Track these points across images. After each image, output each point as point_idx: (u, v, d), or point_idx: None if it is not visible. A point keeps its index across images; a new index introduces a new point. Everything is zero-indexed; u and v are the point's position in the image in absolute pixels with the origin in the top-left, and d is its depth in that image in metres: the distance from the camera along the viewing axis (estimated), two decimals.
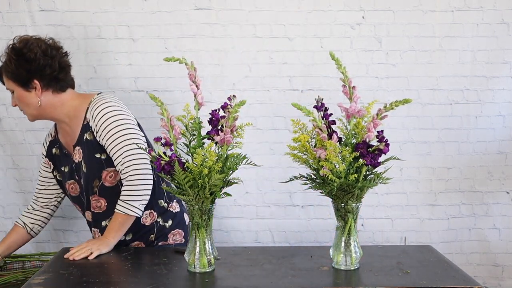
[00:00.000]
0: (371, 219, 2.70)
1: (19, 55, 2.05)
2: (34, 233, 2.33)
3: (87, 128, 2.10)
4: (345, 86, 1.80)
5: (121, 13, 2.55)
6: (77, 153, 2.14)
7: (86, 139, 2.10)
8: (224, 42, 2.58)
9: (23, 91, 2.08)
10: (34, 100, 2.09)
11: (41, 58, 2.05)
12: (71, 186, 2.21)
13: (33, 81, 2.06)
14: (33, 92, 2.08)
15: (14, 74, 2.06)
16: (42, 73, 2.06)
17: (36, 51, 2.05)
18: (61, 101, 2.13)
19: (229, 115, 1.71)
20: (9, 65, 2.06)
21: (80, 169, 2.15)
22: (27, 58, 2.04)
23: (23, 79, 2.06)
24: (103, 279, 1.73)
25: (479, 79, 2.61)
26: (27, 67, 2.05)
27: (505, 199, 2.71)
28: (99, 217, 2.17)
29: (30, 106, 2.10)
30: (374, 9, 2.56)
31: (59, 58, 2.11)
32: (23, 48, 2.05)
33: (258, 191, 2.69)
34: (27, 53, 2.05)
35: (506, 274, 2.75)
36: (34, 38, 2.10)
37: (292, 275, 1.75)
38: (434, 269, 1.82)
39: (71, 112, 2.14)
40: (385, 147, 1.73)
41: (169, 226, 2.21)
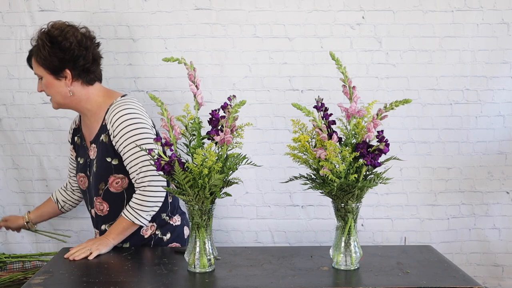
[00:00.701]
0: (371, 219, 2.70)
1: (54, 42, 2.01)
2: (65, 210, 2.40)
3: (104, 130, 2.08)
4: (345, 86, 1.80)
5: (121, 13, 2.55)
6: (93, 150, 2.13)
7: (102, 141, 2.09)
8: (224, 42, 2.58)
9: (53, 79, 2.05)
10: (62, 89, 2.06)
11: (76, 48, 2.03)
12: (81, 179, 2.20)
13: (65, 71, 2.04)
14: (63, 81, 2.05)
15: (46, 61, 2.03)
16: (75, 64, 2.04)
17: (72, 41, 2.02)
18: (87, 95, 2.11)
19: (229, 115, 1.72)
20: (42, 51, 2.02)
21: (92, 166, 2.14)
22: (61, 47, 2.01)
23: (54, 67, 2.03)
24: (103, 279, 1.73)
25: (479, 79, 2.61)
26: (60, 56, 2.02)
27: (505, 199, 2.71)
28: (100, 220, 2.17)
29: (57, 94, 2.08)
30: (374, 9, 2.56)
31: (92, 49, 2.09)
32: (59, 36, 2.02)
33: (258, 191, 2.68)
34: (62, 41, 2.01)
35: (506, 274, 2.75)
36: (70, 26, 2.07)
37: (292, 275, 1.75)
38: (434, 269, 1.82)
39: (94, 108, 2.12)
40: (385, 147, 1.73)
41: (166, 240, 2.18)
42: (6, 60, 2.60)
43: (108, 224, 2.12)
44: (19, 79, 2.61)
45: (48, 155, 2.67)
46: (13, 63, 2.60)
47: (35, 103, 2.62)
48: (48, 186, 2.67)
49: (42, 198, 2.58)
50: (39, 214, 2.37)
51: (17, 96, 2.63)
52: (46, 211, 2.38)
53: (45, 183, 2.68)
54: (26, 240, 2.72)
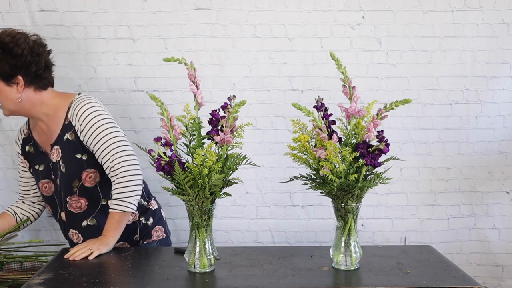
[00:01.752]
0: (371, 219, 2.70)
1: (5, 49, 2.00)
2: (23, 226, 2.34)
3: (68, 128, 2.08)
4: (345, 86, 1.80)
5: (121, 13, 2.55)
6: (55, 152, 2.11)
7: (67, 139, 2.08)
8: (224, 42, 2.58)
9: (4, 85, 2.03)
10: (14, 95, 2.04)
11: (28, 55, 2.02)
12: (45, 186, 2.18)
13: (17, 77, 2.02)
14: (14, 88, 2.03)
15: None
16: (28, 70, 2.03)
17: (24, 47, 2.01)
18: (41, 99, 2.09)
19: (229, 115, 1.72)
20: None
21: (57, 169, 2.12)
22: (13, 53, 2.00)
23: (6, 74, 2.01)
24: (103, 279, 1.73)
25: (479, 79, 2.61)
26: (12, 62, 2.00)
27: (505, 199, 2.71)
28: (79, 217, 2.15)
29: (8, 101, 2.05)
30: (374, 9, 2.56)
31: (44, 56, 2.09)
32: (10, 42, 2.00)
33: (258, 191, 2.68)
34: (14, 47, 2.00)
35: (506, 274, 2.75)
36: (21, 33, 2.05)
37: (292, 275, 1.75)
38: (434, 269, 1.82)
39: (50, 111, 2.11)
40: (385, 147, 1.73)
41: (151, 224, 2.22)
42: None
43: (90, 218, 2.12)
44: None
45: None
46: None
47: None
48: None
49: None
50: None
51: None
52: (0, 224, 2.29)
53: None
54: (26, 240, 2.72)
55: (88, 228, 2.14)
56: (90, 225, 2.14)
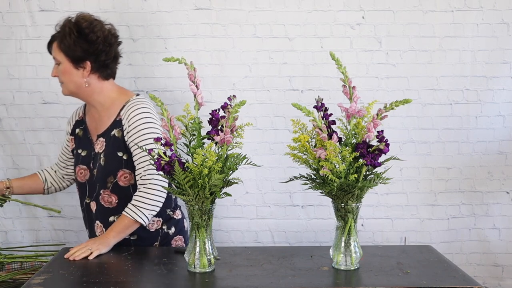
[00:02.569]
0: (371, 219, 2.70)
1: (81, 33, 2.05)
2: (47, 192, 2.37)
3: (117, 125, 2.10)
4: (345, 86, 1.80)
5: (121, 13, 2.55)
6: (100, 143, 2.14)
7: (114, 135, 2.10)
8: (224, 42, 2.58)
9: (71, 67, 2.07)
10: (78, 78, 2.08)
11: (101, 43, 2.07)
12: (81, 171, 2.20)
13: (86, 62, 2.07)
14: (81, 71, 2.08)
15: (69, 49, 2.05)
16: (97, 58, 2.07)
17: (99, 35, 2.06)
18: (101, 89, 2.13)
19: (229, 115, 1.71)
20: (67, 39, 2.05)
21: (97, 160, 2.14)
22: (88, 39, 2.05)
23: (76, 57, 2.06)
24: (103, 279, 1.73)
25: (479, 79, 2.61)
26: (85, 47, 2.05)
27: (505, 199, 2.71)
28: (108, 212, 2.15)
29: (71, 83, 2.10)
30: (374, 9, 2.57)
31: (115, 47, 2.14)
32: (86, 28, 2.05)
33: (258, 191, 2.69)
34: (90, 34, 2.05)
35: (506, 274, 2.75)
36: (97, 20, 2.10)
37: (292, 275, 1.75)
38: (434, 269, 1.82)
39: (106, 103, 2.14)
40: (385, 147, 1.73)
41: (172, 233, 2.21)
42: (6, 60, 2.60)
43: (117, 216, 2.12)
44: (19, 79, 2.62)
45: (48, 155, 2.67)
46: (13, 63, 2.60)
47: (35, 103, 2.62)
48: None
49: (42, 198, 2.58)
50: (20, 184, 2.29)
51: (17, 96, 2.63)
52: (28, 184, 2.32)
53: None
54: (26, 240, 2.72)
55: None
56: None
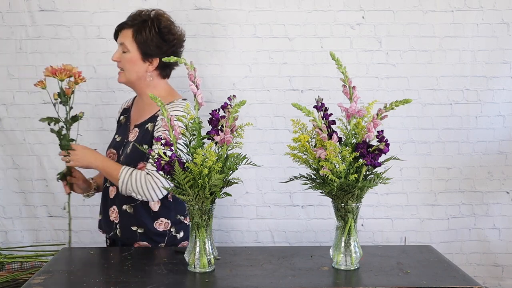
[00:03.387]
0: (371, 219, 2.70)
1: (161, 30, 2.10)
2: None
3: (153, 120, 2.14)
4: (345, 86, 1.80)
5: (121, 13, 2.54)
6: (134, 133, 2.17)
7: (147, 128, 2.13)
8: (224, 42, 2.58)
9: (140, 58, 2.11)
10: (142, 69, 2.12)
11: (175, 45, 2.13)
12: (110, 155, 2.22)
13: (155, 58, 2.11)
14: (147, 65, 2.12)
15: (145, 42, 2.09)
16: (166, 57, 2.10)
17: (176, 37, 2.13)
18: (156, 85, 2.17)
19: (229, 115, 1.71)
20: (146, 32, 2.08)
21: (126, 147, 2.17)
22: (165, 38, 2.10)
23: (148, 51, 2.10)
24: (103, 279, 1.73)
25: (479, 79, 2.61)
26: (160, 44, 2.09)
27: (505, 199, 2.71)
28: (122, 200, 2.16)
29: (134, 73, 2.13)
30: (374, 9, 2.57)
31: (181, 51, 2.19)
32: (166, 28, 2.11)
33: (258, 191, 2.69)
34: (168, 34, 2.11)
35: (506, 274, 2.75)
36: (174, 23, 2.15)
37: (292, 275, 1.75)
38: (434, 269, 1.81)
39: None
40: (385, 147, 1.73)
41: (180, 238, 2.20)
42: (6, 60, 2.60)
43: (130, 205, 2.13)
44: (19, 79, 2.62)
45: (48, 155, 2.67)
46: (13, 63, 2.60)
47: (35, 103, 2.63)
48: (48, 186, 2.67)
49: (42, 198, 2.59)
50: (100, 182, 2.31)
51: (17, 96, 2.63)
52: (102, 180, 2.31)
53: (45, 183, 2.69)
54: (26, 240, 2.72)
55: (125, 213, 2.15)
56: (128, 212, 2.14)
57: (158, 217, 2.14)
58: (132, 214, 2.14)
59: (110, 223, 2.18)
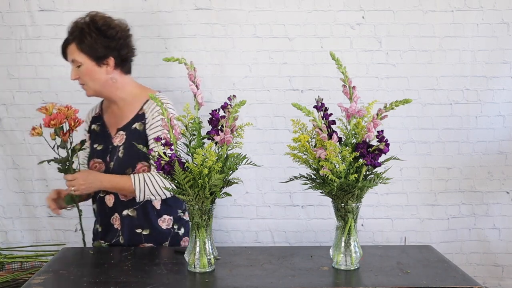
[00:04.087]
0: (371, 219, 2.70)
1: (100, 30, 2.08)
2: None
3: (139, 118, 2.13)
4: (345, 86, 1.80)
5: (121, 13, 2.54)
6: (119, 137, 2.16)
7: (135, 128, 2.13)
8: (224, 42, 2.58)
9: (94, 66, 2.10)
10: (102, 75, 2.11)
11: (121, 38, 2.11)
12: (95, 165, 2.21)
13: (109, 58, 2.09)
14: (104, 68, 2.11)
15: (91, 48, 2.07)
16: (120, 52, 2.11)
17: (117, 30, 2.11)
18: (123, 84, 2.16)
19: (229, 115, 1.71)
20: (88, 39, 2.07)
21: (115, 153, 2.15)
22: (108, 35, 2.09)
23: (99, 55, 2.09)
24: (103, 279, 1.73)
25: (479, 79, 2.61)
26: (106, 44, 2.08)
27: (505, 199, 2.71)
28: (124, 205, 2.16)
29: (96, 81, 2.12)
30: (374, 9, 2.57)
31: (131, 39, 2.18)
32: (104, 25, 2.09)
33: (258, 191, 2.69)
34: (108, 30, 2.09)
35: (506, 274, 2.75)
36: (110, 18, 2.14)
37: (292, 275, 1.75)
38: (434, 269, 1.81)
39: (129, 98, 2.17)
40: (385, 147, 1.73)
41: (182, 234, 2.23)
42: (6, 60, 2.60)
43: (130, 210, 2.13)
44: (19, 79, 2.62)
45: (48, 155, 2.65)
46: (13, 63, 2.60)
47: (35, 103, 2.62)
48: (48, 186, 2.67)
49: (42, 198, 2.58)
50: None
51: (17, 96, 2.63)
52: None
53: (45, 183, 2.69)
54: (26, 240, 2.72)
55: (127, 217, 2.15)
56: (130, 216, 2.15)
57: (161, 214, 2.16)
58: (135, 217, 2.15)
59: (113, 231, 2.18)
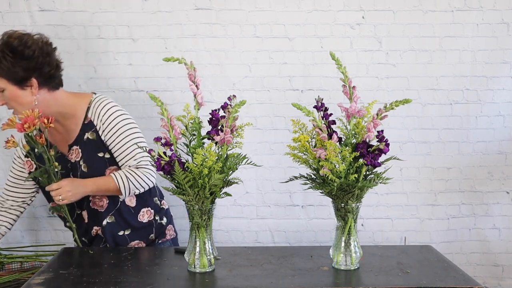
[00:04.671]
0: (371, 219, 2.70)
1: (15, 52, 1.95)
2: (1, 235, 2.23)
3: (88, 127, 2.08)
4: (345, 86, 1.80)
5: (121, 13, 2.55)
6: (74, 152, 2.11)
7: (88, 138, 2.08)
8: (224, 42, 2.58)
9: (17, 89, 1.98)
10: (28, 98, 1.99)
11: (39, 56, 1.98)
12: None
13: (31, 79, 1.98)
14: (28, 90, 1.99)
15: (9, 72, 1.96)
16: (41, 71, 1.99)
17: (34, 48, 1.97)
18: (55, 100, 2.06)
19: (229, 115, 1.71)
20: (4, 63, 1.95)
21: (77, 169, 2.11)
22: (25, 56, 1.96)
23: (19, 77, 1.97)
24: (103, 279, 1.73)
25: (479, 79, 2.61)
26: (25, 65, 1.96)
27: (505, 199, 2.71)
28: (102, 215, 2.15)
29: (23, 105, 1.99)
30: (374, 9, 2.57)
31: (54, 55, 2.06)
32: (19, 46, 1.96)
33: (258, 191, 2.69)
34: (24, 50, 1.96)
35: (506, 274, 2.75)
36: (27, 35, 2.00)
37: (292, 275, 1.75)
38: (434, 269, 1.81)
39: (67, 111, 2.08)
40: (385, 147, 1.73)
41: (165, 223, 2.25)
42: None
43: (109, 216, 2.13)
44: None
45: None
46: None
47: None
48: None
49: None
50: None
51: None
52: None
53: None
54: (26, 240, 2.72)
55: (108, 225, 2.15)
56: (109, 222, 2.15)
57: (139, 210, 2.16)
58: (115, 222, 2.15)
59: (98, 239, 2.18)
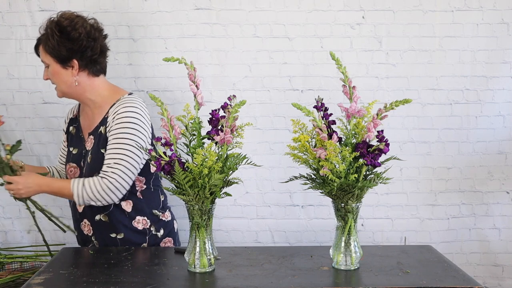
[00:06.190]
0: (371, 219, 2.70)
1: (63, 32, 2.04)
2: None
3: (104, 122, 2.11)
4: (345, 86, 1.80)
5: (121, 13, 2.55)
6: (89, 141, 2.14)
7: (100, 132, 2.11)
8: (224, 42, 2.58)
9: (60, 68, 2.07)
10: (68, 78, 2.08)
11: (84, 39, 2.05)
12: (71, 169, 2.19)
13: (72, 61, 2.06)
14: (69, 71, 2.08)
15: (54, 50, 2.05)
16: (83, 54, 2.06)
17: (81, 31, 2.05)
18: (92, 86, 2.13)
19: (229, 115, 1.72)
20: (51, 40, 2.04)
21: (86, 157, 2.14)
22: (70, 37, 2.04)
23: (62, 57, 2.05)
24: (103, 279, 1.73)
25: (479, 79, 2.61)
26: (69, 46, 2.04)
27: (505, 199, 2.71)
28: (94, 211, 2.14)
29: (63, 83, 2.09)
30: (374, 9, 2.57)
31: (100, 41, 2.12)
32: (68, 26, 2.04)
33: (258, 191, 2.69)
34: (72, 31, 2.04)
35: (506, 274, 2.75)
36: (79, 17, 2.09)
37: (292, 275, 1.75)
38: (434, 269, 1.82)
39: (98, 100, 2.14)
40: (385, 147, 1.73)
41: (161, 236, 2.20)
42: (6, 60, 2.60)
43: (103, 214, 2.12)
44: (19, 79, 2.62)
45: (48, 155, 2.67)
46: (13, 63, 2.60)
47: (35, 103, 2.62)
48: None
49: (42, 198, 2.58)
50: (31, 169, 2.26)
51: (17, 96, 2.63)
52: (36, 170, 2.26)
53: None
54: (26, 240, 2.72)
55: (99, 223, 2.14)
56: (102, 221, 2.14)
57: (134, 217, 2.14)
58: (108, 222, 2.13)
59: (85, 237, 2.18)
